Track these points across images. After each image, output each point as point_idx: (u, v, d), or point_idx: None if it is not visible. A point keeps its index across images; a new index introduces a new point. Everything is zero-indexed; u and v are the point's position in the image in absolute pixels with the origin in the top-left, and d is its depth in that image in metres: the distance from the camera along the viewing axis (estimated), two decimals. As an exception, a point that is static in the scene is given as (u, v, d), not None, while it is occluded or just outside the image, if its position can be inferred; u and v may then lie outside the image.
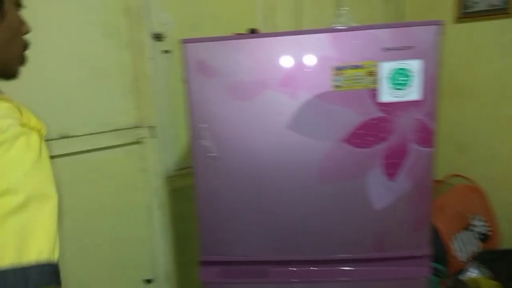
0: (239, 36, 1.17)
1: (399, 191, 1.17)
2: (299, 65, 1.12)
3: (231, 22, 1.74)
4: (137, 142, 1.57)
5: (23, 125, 0.50)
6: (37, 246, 0.45)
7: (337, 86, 1.11)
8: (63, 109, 1.39)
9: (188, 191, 1.69)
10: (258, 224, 1.21)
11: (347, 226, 1.19)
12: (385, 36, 1.09)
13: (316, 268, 1.24)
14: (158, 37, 1.57)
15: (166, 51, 1.60)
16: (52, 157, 1.45)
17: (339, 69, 1.10)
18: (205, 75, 1.14)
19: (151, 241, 1.64)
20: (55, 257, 0.48)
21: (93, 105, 1.45)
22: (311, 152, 1.15)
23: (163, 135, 1.63)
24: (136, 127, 1.57)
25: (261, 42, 1.13)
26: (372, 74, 1.10)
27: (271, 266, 1.24)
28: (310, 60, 1.11)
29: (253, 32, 1.26)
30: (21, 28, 0.62)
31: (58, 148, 1.36)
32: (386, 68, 1.10)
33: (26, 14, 0.71)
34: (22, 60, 0.66)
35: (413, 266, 1.22)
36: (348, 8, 1.31)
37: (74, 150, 1.41)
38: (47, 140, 1.05)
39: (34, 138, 0.51)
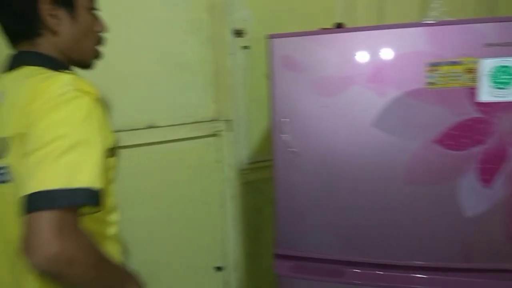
0: (326, 30, 1.15)
1: (494, 199, 1.07)
2: (389, 60, 1.07)
3: (310, 17, 1.72)
4: (214, 135, 1.63)
5: (78, 90, 0.63)
6: (83, 177, 0.58)
7: (431, 83, 1.05)
8: (150, 102, 1.48)
9: (259, 185, 1.73)
10: (335, 223, 1.19)
11: (432, 232, 1.12)
12: (487, 31, 1.01)
13: (393, 273, 1.19)
14: (238, 33, 1.61)
15: (245, 47, 1.64)
16: (139, 145, 1.54)
17: (434, 65, 1.04)
18: (290, 70, 1.14)
19: (222, 230, 1.69)
20: (97, 186, 0.60)
21: (176, 98, 1.53)
22: (397, 152, 1.10)
23: (238, 129, 1.67)
24: (213, 120, 1.63)
25: (349, 36, 1.11)
26: (471, 71, 1.03)
27: (346, 266, 1.22)
28: (402, 55, 1.06)
29: (339, 27, 1.23)
30: (93, 27, 0.79)
31: (145, 137, 1.45)
32: (487, 65, 1.02)
33: (115, 13, 0.84)
34: (95, 54, 0.82)
35: (505, 280, 1.12)
36: (441, 1, 1.23)
37: (158, 140, 1.49)
38: (136, 130, 1.16)
39: (86, 100, 0.63)
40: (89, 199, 0.58)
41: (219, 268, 1.67)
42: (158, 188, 1.52)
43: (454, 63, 1.02)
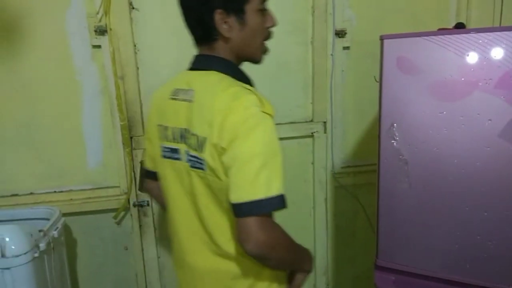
0: (447, 31, 1.07)
1: None
2: (522, 64, 0.96)
3: (418, 17, 1.62)
4: (310, 136, 1.62)
5: (263, 112, 0.74)
6: (276, 186, 0.73)
7: None
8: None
9: (353, 190, 1.68)
10: (442, 239, 1.10)
11: None
12: None
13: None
14: (340, 33, 1.58)
15: (346, 48, 1.60)
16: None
17: None
18: (403, 72, 1.08)
19: (313, 232, 1.68)
20: (283, 191, 0.74)
21: (277, 98, 1.56)
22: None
23: (334, 131, 1.64)
24: (310, 121, 1.62)
25: (473, 37, 1.01)
26: None
27: (451, 286, 1.12)
28: (540, 58, 0.94)
29: (459, 27, 1.14)
30: (262, 25, 0.84)
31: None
32: None
33: None
34: (264, 50, 0.89)
35: None
36: None
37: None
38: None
39: (269, 121, 0.75)
40: (281, 203, 0.74)
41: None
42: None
43: None
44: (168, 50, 1.46)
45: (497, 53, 0.99)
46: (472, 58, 1.01)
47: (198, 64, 0.87)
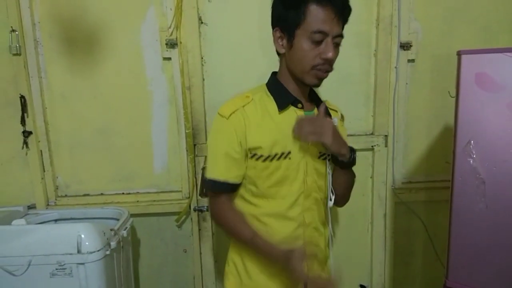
0: (531, 46, 1.02)
1: None
2: None
3: (489, 29, 1.55)
4: (370, 149, 1.60)
5: (218, 113, 0.98)
6: (209, 171, 1.00)
7: None
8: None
9: (414, 207, 1.63)
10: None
11: None
12: None
13: None
14: (405, 46, 1.55)
15: (411, 60, 1.57)
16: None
17: None
18: (482, 88, 1.04)
19: (371, 248, 1.64)
20: (214, 177, 0.98)
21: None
22: None
23: (395, 145, 1.60)
24: (371, 134, 1.60)
25: None
26: None
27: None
28: None
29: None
30: (309, 53, 0.90)
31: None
32: None
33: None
34: (315, 76, 0.93)
35: None
36: None
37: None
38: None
39: (217, 119, 0.98)
40: (211, 186, 0.98)
41: (363, 287, 1.63)
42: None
43: None
44: (233, 63, 1.52)
45: None
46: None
47: None
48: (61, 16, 1.46)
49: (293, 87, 0.99)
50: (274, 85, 1.00)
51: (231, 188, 0.99)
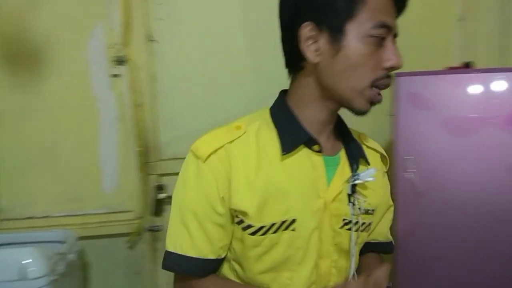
0: (454, 70, 1.13)
1: None
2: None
3: (424, 56, 1.66)
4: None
5: (191, 151, 0.68)
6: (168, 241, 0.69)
7: None
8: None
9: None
10: (459, 273, 1.13)
11: None
12: None
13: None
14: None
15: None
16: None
17: None
18: (417, 108, 1.13)
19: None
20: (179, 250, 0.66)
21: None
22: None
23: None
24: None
25: (484, 76, 1.07)
26: None
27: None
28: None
29: (467, 66, 1.20)
30: (370, 61, 0.59)
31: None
32: None
33: (257, 45, 0.77)
34: (371, 98, 0.62)
35: None
36: None
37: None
38: None
39: (190, 159, 0.68)
40: (182, 266, 0.65)
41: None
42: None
43: None
44: (187, 81, 1.52)
45: (504, 91, 1.04)
46: (482, 96, 1.06)
47: None
48: (3, 32, 1.39)
49: (312, 117, 0.65)
50: (281, 113, 0.66)
51: (208, 267, 0.66)
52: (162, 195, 1.53)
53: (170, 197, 1.47)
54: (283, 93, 0.70)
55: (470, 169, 1.08)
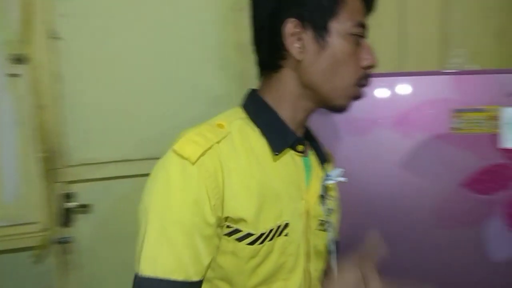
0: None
1: (520, 244, 1.09)
2: (415, 105, 1.12)
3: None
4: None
5: (173, 149, 0.59)
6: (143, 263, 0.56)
7: (456, 129, 1.09)
8: (179, 132, 1.55)
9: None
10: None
11: (460, 276, 1.13)
12: (508, 81, 1.06)
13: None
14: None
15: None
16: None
17: (459, 111, 1.08)
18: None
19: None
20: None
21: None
22: (425, 194, 1.13)
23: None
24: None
25: (376, 81, 1.16)
26: (493, 118, 1.07)
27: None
28: (427, 100, 1.11)
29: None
30: (351, 58, 0.60)
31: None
32: (509, 113, 1.06)
33: (147, 49, 0.72)
34: (351, 94, 0.62)
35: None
36: (464, 49, 1.29)
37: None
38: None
39: (174, 160, 0.60)
40: None
41: None
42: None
43: (478, 110, 1.07)
44: (96, 80, 1.45)
45: (394, 95, 1.15)
46: (374, 99, 1.16)
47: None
48: None
49: (291, 117, 0.63)
50: (262, 112, 0.63)
51: None
52: (71, 204, 1.44)
53: (81, 206, 1.44)
54: (254, 91, 0.67)
55: (369, 167, 1.17)
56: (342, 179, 0.66)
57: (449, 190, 1.11)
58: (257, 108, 0.64)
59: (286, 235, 0.61)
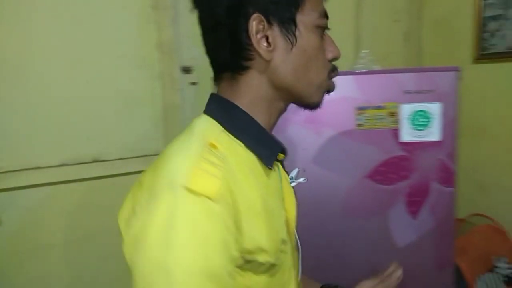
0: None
1: (421, 230, 1.18)
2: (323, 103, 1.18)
3: None
4: (163, 169, 1.63)
5: (189, 188, 0.48)
6: None
7: (360, 125, 1.16)
8: (96, 135, 1.48)
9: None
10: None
11: (368, 263, 1.20)
12: (406, 79, 1.15)
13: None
14: (186, 70, 1.67)
15: (194, 83, 1.69)
16: (85, 179, 1.51)
17: (361, 108, 1.15)
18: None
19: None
20: None
21: (125, 132, 1.54)
22: (335, 187, 1.19)
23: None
24: (163, 154, 1.64)
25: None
26: (393, 114, 1.15)
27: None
28: (335, 99, 1.17)
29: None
30: (321, 51, 0.56)
31: (91, 171, 1.44)
32: (407, 109, 1.15)
33: (61, 46, 0.68)
34: (324, 88, 0.59)
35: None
36: (369, 51, 1.38)
37: (106, 174, 1.48)
38: (81, 163, 1.00)
39: (197, 207, 0.49)
40: None
41: None
42: (106, 224, 1.49)
43: (378, 107, 1.15)
44: (2, 83, 1.32)
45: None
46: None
47: (205, 105, 0.61)
48: None
49: (265, 121, 0.57)
50: (241, 122, 0.55)
51: None
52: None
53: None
54: (221, 98, 0.58)
55: (287, 163, 1.20)
56: (301, 180, 0.63)
57: (356, 183, 1.18)
58: (233, 118, 0.55)
59: (286, 252, 0.57)
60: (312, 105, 0.59)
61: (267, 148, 0.56)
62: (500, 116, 1.90)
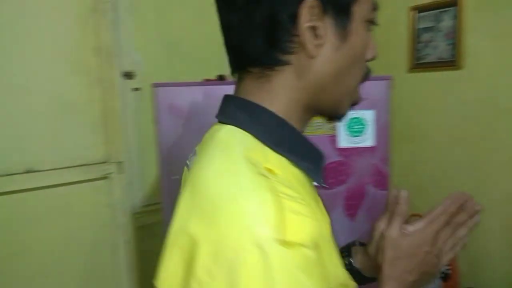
0: (209, 82, 1.24)
1: (359, 232, 1.23)
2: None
3: (199, 64, 1.78)
4: (104, 178, 1.57)
5: (279, 240, 0.38)
6: None
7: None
8: (29, 144, 1.39)
9: (155, 228, 1.69)
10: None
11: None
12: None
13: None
14: (128, 75, 1.62)
15: (136, 89, 1.65)
16: (16, 191, 1.43)
17: (301, 116, 1.19)
18: (175, 116, 1.19)
19: (115, 280, 1.60)
20: None
21: (61, 140, 1.46)
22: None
23: (131, 171, 1.64)
24: (103, 163, 1.58)
25: (230, 88, 1.20)
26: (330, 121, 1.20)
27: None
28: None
29: (221, 78, 1.33)
30: (364, 54, 0.47)
31: (23, 182, 1.35)
32: (343, 116, 1.20)
33: None
34: (354, 96, 0.49)
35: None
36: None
37: (40, 185, 1.39)
38: (13, 174, 0.97)
39: (292, 260, 0.41)
40: None
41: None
42: (43, 237, 1.40)
43: (317, 115, 1.18)
44: None
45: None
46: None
47: (222, 112, 0.51)
48: None
49: (302, 129, 0.49)
50: (280, 130, 0.45)
51: None
52: None
53: None
54: (243, 101, 0.47)
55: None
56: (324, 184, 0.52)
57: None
58: (270, 127, 0.44)
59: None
60: (339, 117, 0.50)
61: (314, 163, 0.47)
62: (434, 121, 2.04)
